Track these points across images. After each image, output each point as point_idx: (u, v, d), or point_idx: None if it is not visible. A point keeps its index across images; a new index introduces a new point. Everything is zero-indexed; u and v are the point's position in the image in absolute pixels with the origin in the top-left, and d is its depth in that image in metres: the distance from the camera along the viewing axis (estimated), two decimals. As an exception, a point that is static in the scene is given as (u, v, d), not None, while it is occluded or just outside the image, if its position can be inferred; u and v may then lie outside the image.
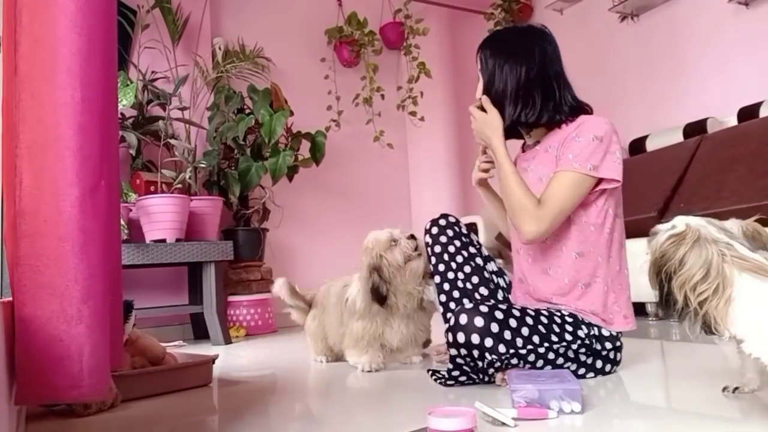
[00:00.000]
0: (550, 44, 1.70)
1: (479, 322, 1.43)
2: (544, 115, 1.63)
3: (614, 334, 1.59)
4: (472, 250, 1.78)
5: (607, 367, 1.60)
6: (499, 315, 1.45)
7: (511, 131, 1.70)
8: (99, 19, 1.04)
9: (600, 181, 1.54)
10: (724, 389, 1.30)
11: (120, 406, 1.61)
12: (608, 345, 1.58)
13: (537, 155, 1.68)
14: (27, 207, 0.98)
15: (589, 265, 1.59)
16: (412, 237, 1.96)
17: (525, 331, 1.46)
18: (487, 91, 1.69)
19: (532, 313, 1.51)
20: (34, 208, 0.97)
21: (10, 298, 1.14)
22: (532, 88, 1.63)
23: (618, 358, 1.63)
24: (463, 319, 1.45)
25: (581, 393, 1.23)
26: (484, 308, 1.46)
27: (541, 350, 1.47)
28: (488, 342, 1.42)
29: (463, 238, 1.79)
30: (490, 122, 1.65)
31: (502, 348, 1.43)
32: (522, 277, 1.73)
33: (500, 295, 1.82)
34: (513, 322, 1.46)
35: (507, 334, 1.44)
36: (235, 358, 2.61)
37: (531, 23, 4.57)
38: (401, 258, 1.91)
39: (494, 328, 1.43)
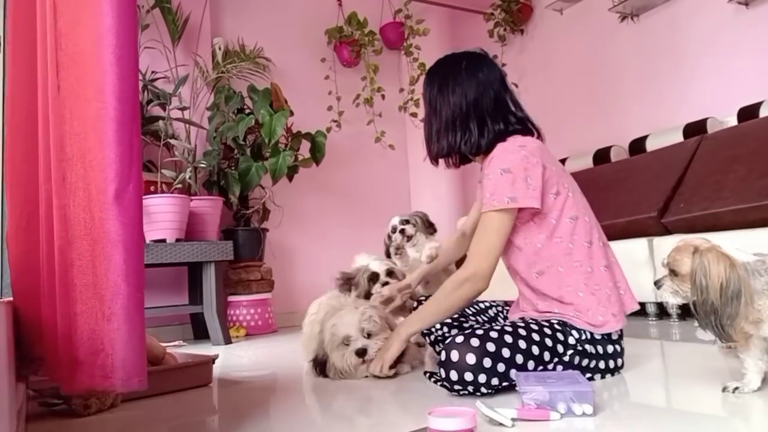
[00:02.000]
0: (486, 69, 1.70)
1: (471, 359, 1.40)
2: (481, 143, 1.65)
3: (606, 337, 1.57)
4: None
5: (610, 366, 1.59)
6: (491, 347, 1.42)
7: (463, 156, 1.74)
8: (127, 35, 1.10)
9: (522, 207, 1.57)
10: (725, 389, 1.30)
11: (120, 406, 1.61)
12: (600, 348, 1.56)
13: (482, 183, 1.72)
14: (71, 214, 1.08)
15: (553, 278, 1.60)
16: (368, 336, 1.86)
17: (519, 358, 1.44)
18: (427, 121, 1.74)
19: (524, 333, 1.48)
20: (75, 215, 1.07)
21: (10, 298, 1.18)
22: (466, 117, 1.65)
23: (619, 358, 1.61)
24: (455, 355, 1.41)
25: (593, 394, 1.22)
26: (475, 341, 1.42)
27: (545, 372, 1.47)
28: (482, 378, 1.40)
29: None
30: (389, 350, 1.73)
31: (495, 381, 1.41)
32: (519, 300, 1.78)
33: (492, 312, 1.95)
34: (506, 352, 1.43)
35: (500, 367, 1.41)
36: (235, 358, 2.61)
37: (532, 22, 4.57)
38: (347, 365, 1.82)
39: (487, 363, 1.40)
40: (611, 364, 1.59)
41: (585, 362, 1.54)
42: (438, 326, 1.86)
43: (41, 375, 1.30)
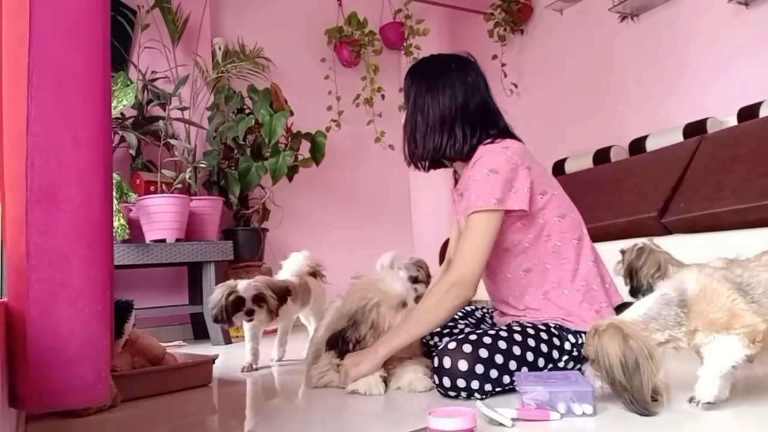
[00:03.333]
0: (474, 74, 1.66)
1: (463, 365, 1.39)
2: (464, 149, 1.62)
3: None
4: None
5: None
6: (483, 354, 1.41)
7: (435, 161, 1.70)
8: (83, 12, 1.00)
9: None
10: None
11: (120, 406, 1.61)
12: None
13: (463, 191, 1.68)
14: (42, 195, 0.89)
15: (539, 275, 1.60)
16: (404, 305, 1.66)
17: (512, 365, 1.43)
18: (410, 121, 1.68)
19: (519, 339, 1.47)
20: (50, 195, 0.90)
21: (4, 299, 1.11)
22: (453, 120, 1.61)
23: None
24: (447, 362, 1.41)
25: (593, 394, 1.22)
26: (467, 347, 1.41)
27: (546, 372, 1.47)
28: (475, 384, 1.40)
29: None
30: (355, 357, 1.57)
31: (488, 387, 1.41)
32: (502, 301, 1.74)
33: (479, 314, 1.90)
34: (499, 358, 1.42)
35: (493, 373, 1.41)
36: (235, 358, 2.61)
37: (532, 22, 4.57)
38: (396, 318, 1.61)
39: (479, 369, 1.40)
40: None
41: (579, 367, 1.54)
42: (428, 336, 1.78)
43: None
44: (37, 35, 0.93)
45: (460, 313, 1.90)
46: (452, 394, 1.42)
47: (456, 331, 1.84)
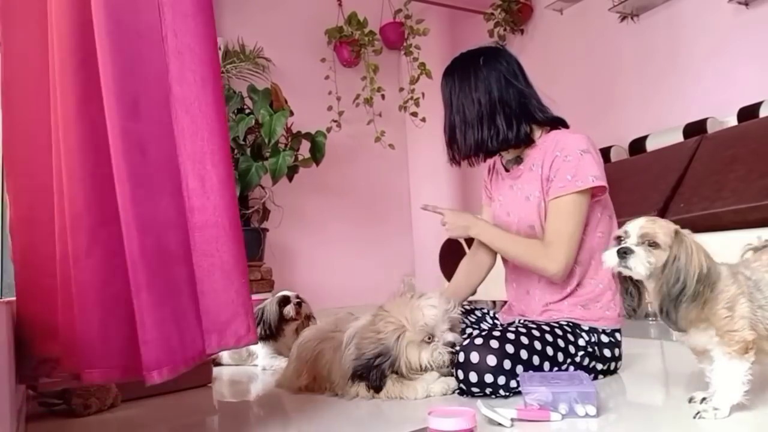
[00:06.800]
0: (505, 63, 1.63)
1: (492, 360, 1.39)
2: (510, 137, 1.59)
3: (613, 340, 1.58)
4: None
5: (611, 367, 1.60)
6: (510, 349, 1.41)
7: (479, 155, 1.67)
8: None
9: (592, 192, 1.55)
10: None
11: (120, 406, 1.61)
12: (607, 352, 1.57)
13: (522, 174, 1.66)
14: (195, 203, 1.14)
15: (583, 268, 1.60)
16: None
17: (536, 360, 1.44)
18: (449, 121, 1.69)
19: (538, 334, 1.48)
20: (201, 204, 1.14)
21: (12, 298, 1.13)
22: (492, 113, 1.59)
23: (618, 360, 1.62)
24: (475, 357, 1.40)
25: (596, 395, 1.22)
26: (494, 343, 1.41)
27: (550, 372, 1.47)
28: (501, 380, 1.39)
29: None
30: (461, 217, 1.71)
31: (513, 383, 1.41)
32: (526, 291, 1.72)
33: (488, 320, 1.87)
34: (524, 354, 1.42)
35: (519, 369, 1.41)
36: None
37: (532, 22, 4.56)
38: (426, 362, 1.49)
39: (507, 365, 1.40)
40: (612, 366, 1.60)
41: (593, 364, 1.54)
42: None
43: (55, 376, 1.18)
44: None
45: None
46: (475, 390, 1.41)
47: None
